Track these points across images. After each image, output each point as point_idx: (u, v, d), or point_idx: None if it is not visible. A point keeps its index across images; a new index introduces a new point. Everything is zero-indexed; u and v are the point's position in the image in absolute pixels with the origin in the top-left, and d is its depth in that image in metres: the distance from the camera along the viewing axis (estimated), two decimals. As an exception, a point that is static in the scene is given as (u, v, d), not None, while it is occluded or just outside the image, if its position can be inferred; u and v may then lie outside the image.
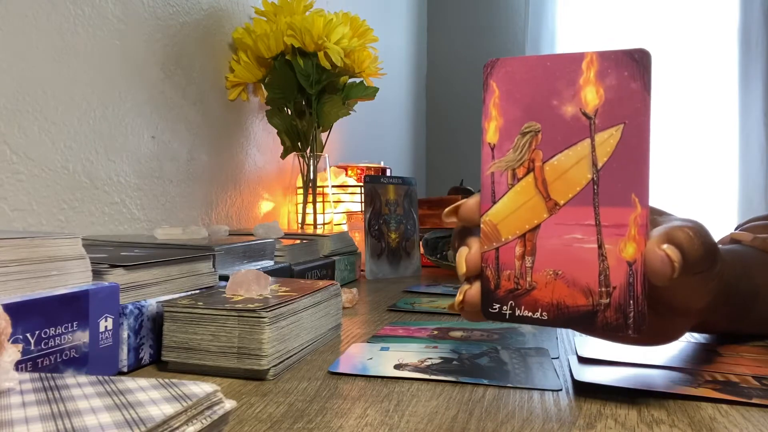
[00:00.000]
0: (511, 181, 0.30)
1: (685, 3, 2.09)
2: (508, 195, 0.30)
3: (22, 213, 0.59)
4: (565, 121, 0.29)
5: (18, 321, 0.31)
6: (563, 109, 0.30)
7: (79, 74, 0.66)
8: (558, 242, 0.30)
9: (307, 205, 1.01)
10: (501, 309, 0.31)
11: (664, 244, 0.28)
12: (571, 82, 0.29)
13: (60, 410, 0.22)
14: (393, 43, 2.00)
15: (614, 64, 0.29)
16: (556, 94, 0.30)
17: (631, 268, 0.28)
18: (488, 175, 0.31)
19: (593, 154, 0.29)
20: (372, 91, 1.03)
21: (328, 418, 0.31)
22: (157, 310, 0.42)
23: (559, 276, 0.30)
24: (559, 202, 0.30)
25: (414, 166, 2.33)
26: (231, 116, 0.97)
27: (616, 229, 0.29)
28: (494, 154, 0.31)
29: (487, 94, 0.31)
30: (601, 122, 0.29)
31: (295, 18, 0.91)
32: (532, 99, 0.30)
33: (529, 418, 0.31)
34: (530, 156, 0.30)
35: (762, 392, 0.34)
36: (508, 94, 0.31)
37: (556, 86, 0.30)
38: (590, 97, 0.29)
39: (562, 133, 0.30)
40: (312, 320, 0.45)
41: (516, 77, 0.30)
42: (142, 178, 0.76)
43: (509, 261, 0.30)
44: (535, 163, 0.30)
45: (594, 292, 0.29)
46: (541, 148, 0.30)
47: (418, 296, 0.71)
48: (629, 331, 0.28)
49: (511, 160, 0.30)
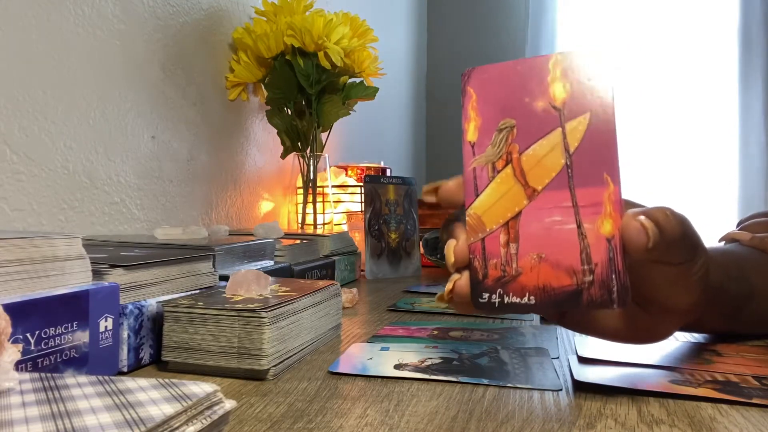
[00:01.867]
0: (491, 174, 0.32)
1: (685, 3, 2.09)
2: (490, 187, 0.32)
3: (22, 213, 0.59)
4: (537, 114, 0.32)
5: (18, 321, 0.31)
6: (535, 104, 0.32)
7: (79, 74, 0.66)
8: (539, 226, 0.31)
9: (307, 205, 1.02)
10: (490, 298, 0.32)
11: (641, 216, 0.30)
12: (540, 81, 0.32)
13: (60, 410, 0.22)
14: (393, 43, 2.00)
15: (579, 61, 0.31)
16: (528, 92, 0.32)
17: (611, 244, 0.30)
18: (470, 171, 0.33)
19: (565, 141, 0.31)
20: (372, 91, 1.03)
21: (328, 418, 0.31)
22: (157, 310, 0.42)
23: (543, 259, 0.31)
24: (537, 189, 0.32)
25: (414, 166, 2.33)
26: (231, 116, 0.97)
27: (593, 208, 0.30)
28: (474, 151, 0.33)
29: (466, 98, 0.34)
30: (569, 112, 0.31)
31: (295, 18, 0.91)
32: (506, 99, 0.33)
33: (529, 418, 0.31)
34: (507, 149, 0.32)
35: (762, 392, 0.34)
36: (484, 97, 0.33)
37: (528, 85, 0.32)
38: (558, 91, 0.32)
39: (536, 125, 0.32)
40: (312, 320, 0.45)
41: (490, 82, 0.33)
42: (142, 178, 0.76)
43: (495, 250, 0.32)
44: (513, 155, 0.32)
45: (577, 271, 0.30)
46: (517, 142, 0.32)
47: (418, 296, 0.71)
48: (614, 305, 0.30)
49: (490, 154, 0.33)
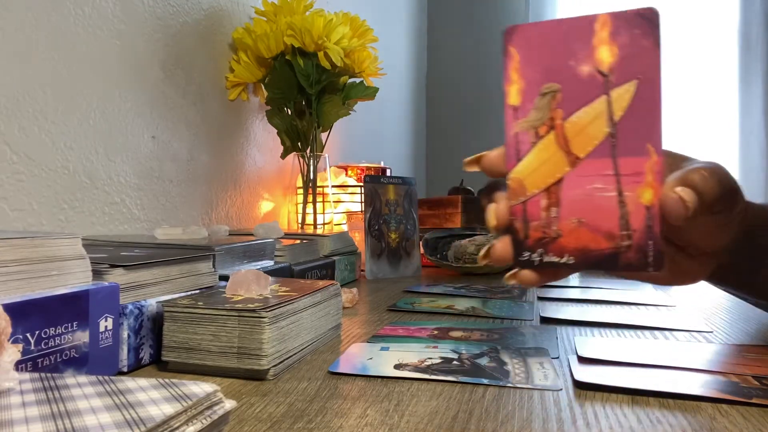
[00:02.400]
0: (533, 140, 0.32)
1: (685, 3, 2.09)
2: (532, 152, 0.32)
3: (22, 213, 0.59)
4: (582, 79, 0.31)
5: (18, 321, 0.31)
6: (580, 68, 0.31)
7: (79, 74, 0.66)
8: (580, 192, 0.32)
9: (307, 205, 1.02)
10: (530, 257, 0.33)
11: (678, 186, 0.31)
12: (586, 43, 0.31)
13: (60, 410, 0.22)
14: (393, 43, 2.00)
15: (625, 23, 0.30)
16: (572, 55, 0.32)
17: (649, 212, 0.31)
18: (512, 135, 0.33)
19: (610, 109, 0.31)
20: (372, 91, 1.03)
21: (328, 418, 0.31)
22: (157, 310, 0.42)
23: (582, 223, 0.32)
24: (579, 156, 0.32)
25: (414, 166, 2.33)
26: (231, 116, 0.97)
27: (634, 177, 0.31)
28: (517, 115, 0.33)
29: (507, 59, 0.33)
30: (616, 79, 0.31)
31: (295, 18, 0.91)
32: (550, 61, 0.32)
33: (529, 418, 0.31)
34: (551, 114, 0.32)
35: (762, 392, 0.34)
36: (527, 58, 0.33)
37: (572, 48, 0.32)
38: (604, 55, 0.31)
39: (580, 91, 0.32)
40: (312, 320, 0.45)
41: (534, 42, 0.32)
42: (142, 178, 0.76)
43: (536, 213, 0.32)
44: (556, 121, 0.32)
45: (615, 236, 0.31)
46: (560, 107, 0.32)
47: (418, 296, 0.71)
48: (649, 269, 0.31)
49: (533, 119, 0.32)
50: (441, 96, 2.49)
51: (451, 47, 2.47)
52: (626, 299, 0.68)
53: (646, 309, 0.63)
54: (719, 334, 0.51)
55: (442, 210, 1.11)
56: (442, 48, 2.49)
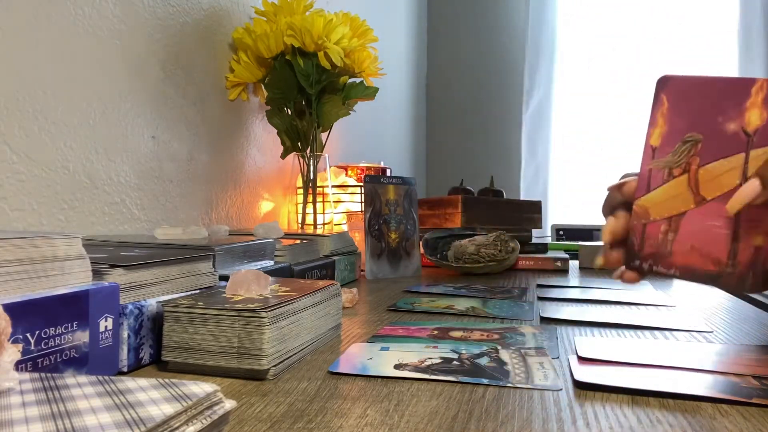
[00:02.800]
0: (666, 178, 0.36)
1: (685, 3, 2.09)
2: (662, 188, 0.36)
3: (22, 213, 0.59)
4: (726, 135, 0.34)
5: (18, 321, 0.31)
6: (726, 125, 0.34)
7: (79, 74, 0.66)
8: (699, 226, 0.35)
9: (307, 205, 1.01)
10: (641, 265, 0.38)
11: None
12: (739, 104, 0.34)
13: (60, 410, 0.22)
14: (393, 43, 2.00)
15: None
16: (722, 112, 0.34)
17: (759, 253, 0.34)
18: (647, 170, 0.37)
19: (745, 166, 0.34)
20: (372, 91, 1.03)
21: (328, 418, 0.31)
22: (157, 310, 0.42)
23: (694, 248, 0.35)
24: (706, 198, 0.35)
25: (414, 166, 2.33)
26: (231, 116, 0.97)
27: (752, 222, 0.34)
28: (655, 154, 0.37)
29: (656, 104, 0.37)
30: (758, 140, 0.34)
31: (295, 18, 0.91)
32: (698, 114, 0.35)
33: (529, 418, 0.31)
34: (688, 160, 0.35)
35: (762, 392, 0.34)
36: (676, 107, 0.36)
37: (723, 105, 0.34)
38: (753, 118, 0.34)
39: (721, 145, 0.35)
40: (312, 320, 0.45)
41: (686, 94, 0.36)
42: (142, 178, 0.76)
43: (654, 234, 0.37)
44: (692, 167, 0.35)
45: (723, 263, 0.35)
46: (698, 155, 0.35)
47: (418, 296, 0.71)
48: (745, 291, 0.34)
49: (670, 161, 0.36)
50: (441, 96, 2.49)
51: (451, 47, 2.47)
52: (626, 299, 0.68)
53: (646, 309, 0.63)
54: (719, 334, 0.51)
55: (442, 210, 1.11)
56: (442, 48, 2.49)
